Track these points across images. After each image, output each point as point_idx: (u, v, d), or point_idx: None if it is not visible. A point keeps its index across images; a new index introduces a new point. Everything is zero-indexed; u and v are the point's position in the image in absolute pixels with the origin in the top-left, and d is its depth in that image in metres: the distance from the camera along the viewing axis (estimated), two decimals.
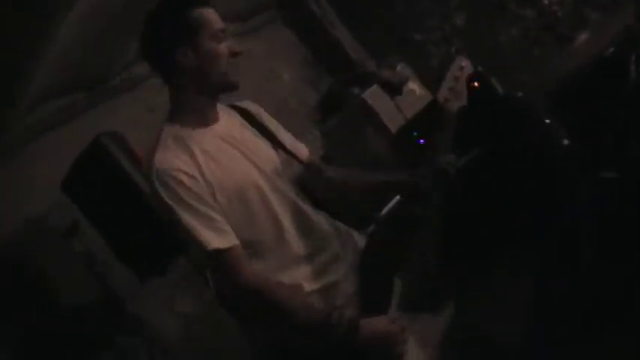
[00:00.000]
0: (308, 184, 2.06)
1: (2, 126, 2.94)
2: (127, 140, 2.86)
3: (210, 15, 1.89)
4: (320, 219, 1.97)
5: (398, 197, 2.24)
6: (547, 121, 3.36)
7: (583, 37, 3.69)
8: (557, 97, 3.31)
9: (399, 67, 4.65)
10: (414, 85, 4.66)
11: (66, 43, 2.82)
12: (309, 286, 1.86)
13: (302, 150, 2.12)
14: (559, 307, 2.61)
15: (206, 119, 1.90)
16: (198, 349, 3.22)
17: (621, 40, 3.22)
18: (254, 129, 2.00)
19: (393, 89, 4.52)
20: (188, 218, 1.75)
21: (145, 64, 1.94)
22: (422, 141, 3.97)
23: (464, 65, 2.09)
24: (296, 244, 1.88)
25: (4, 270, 2.77)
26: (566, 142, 3.26)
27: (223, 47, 1.88)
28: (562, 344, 2.47)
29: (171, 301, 3.18)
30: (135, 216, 2.74)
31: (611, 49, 3.19)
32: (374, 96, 4.38)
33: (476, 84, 3.70)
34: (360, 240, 2.09)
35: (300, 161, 2.09)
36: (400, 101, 4.47)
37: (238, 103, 2.06)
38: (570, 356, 2.43)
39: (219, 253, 1.74)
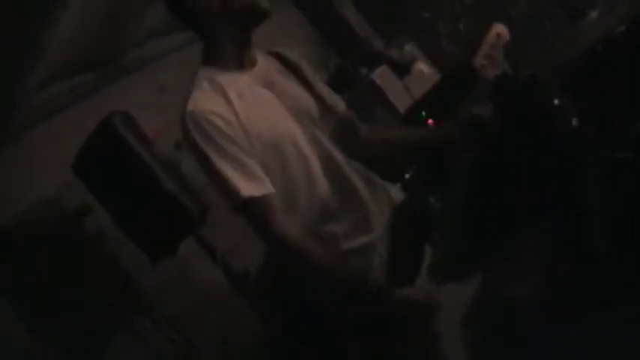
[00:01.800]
0: (344, 138, 1.99)
1: (11, 106, 2.94)
2: (136, 121, 2.85)
3: None
4: (356, 175, 1.91)
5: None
6: (556, 101, 3.34)
7: (594, 13, 3.65)
8: (567, 76, 3.28)
9: (407, 47, 4.64)
10: (422, 65, 4.66)
11: (75, 22, 2.81)
12: (344, 244, 1.82)
13: (340, 104, 2.05)
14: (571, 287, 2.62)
15: (242, 62, 1.82)
16: (211, 328, 3.24)
17: (633, 18, 3.19)
18: (293, 77, 1.93)
19: (402, 69, 4.52)
20: (221, 163, 1.68)
21: (155, 43, 1.92)
22: (430, 121, 3.95)
23: (500, 32, 2.05)
24: (331, 198, 1.82)
25: (17, 250, 2.78)
26: (575, 122, 3.24)
27: None
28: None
29: (183, 279, 3.20)
30: (145, 196, 2.74)
31: (623, 27, 3.16)
32: (382, 76, 4.38)
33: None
34: (397, 196, 2.04)
35: (338, 115, 2.03)
36: (408, 81, 4.47)
37: (278, 50, 1.99)
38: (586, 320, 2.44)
39: (253, 200, 1.68)
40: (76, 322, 2.79)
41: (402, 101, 4.30)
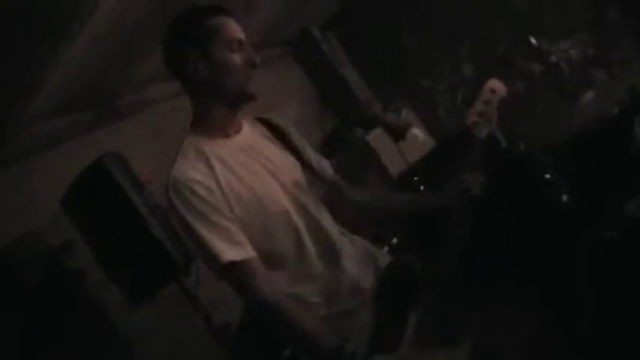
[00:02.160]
0: (333, 203, 2.02)
1: (5, 136, 2.94)
2: (129, 163, 2.85)
3: (228, 24, 1.87)
4: (343, 240, 1.94)
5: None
6: (547, 176, 3.37)
7: (589, 95, 3.72)
8: (560, 154, 3.32)
9: (404, 112, 4.69)
10: (417, 132, 4.70)
11: (78, 59, 2.83)
12: (323, 310, 1.84)
13: (328, 169, 2.09)
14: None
15: (227, 130, 1.89)
16: None
17: (626, 101, 3.25)
18: (280, 143, 1.98)
19: (397, 134, 4.55)
20: (202, 229, 1.74)
21: (154, 88, 1.96)
22: (422, 188, 3.97)
23: (495, 88, 2.00)
24: (314, 261, 1.85)
25: None
26: (565, 198, 3.26)
27: (238, 57, 1.86)
28: None
29: (160, 326, 3.15)
30: (132, 240, 2.72)
31: (616, 109, 3.21)
32: (377, 139, 4.41)
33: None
34: (383, 260, 2.04)
35: (326, 180, 2.07)
36: (403, 146, 4.50)
37: (265, 116, 2.04)
38: None
39: (233, 265, 1.72)
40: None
41: (395, 165, 4.32)
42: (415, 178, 4.01)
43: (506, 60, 4.79)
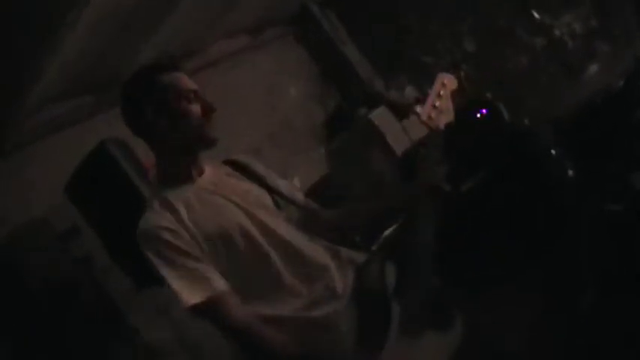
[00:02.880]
0: (308, 225, 2.07)
1: (7, 123, 2.93)
2: (131, 148, 2.84)
3: (179, 77, 1.95)
4: (317, 252, 1.99)
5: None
6: (552, 151, 3.36)
7: (592, 68, 3.69)
8: (564, 127, 3.31)
9: (407, 90, 4.66)
10: (421, 109, 4.67)
11: (79, 45, 2.82)
12: (303, 314, 1.89)
13: (297, 194, 2.16)
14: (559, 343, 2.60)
15: (190, 175, 1.95)
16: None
17: (630, 73, 3.22)
18: (245, 177, 2.05)
19: (401, 112, 4.52)
20: (169, 274, 1.80)
21: None
22: None
23: (446, 82, 2.08)
24: (289, 282, 1.90)
25: (2, 269, 2.75)
26: (570, 172, 3.25)
27: (194, 107, 1.92)
28: None
29: (167, 310, 3.16)
30: (136, 224, 2.71)
31: (620, 82, 3.19)
32: (381, 117, 4.38)
33: (483, 111, 3.73)
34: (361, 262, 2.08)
35: (298, 205, 2.13)
36: (407, 124, 4.47)
37: (228, 159, 2.12)
38: None
39: (198, 306, 1.79)
40: (54, 346, 2.75)
41: (399, 143, 4.29)
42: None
43: (507, 33, 4.75)
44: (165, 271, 1.81)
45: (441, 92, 2.07)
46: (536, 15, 4.02)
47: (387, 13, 5.11)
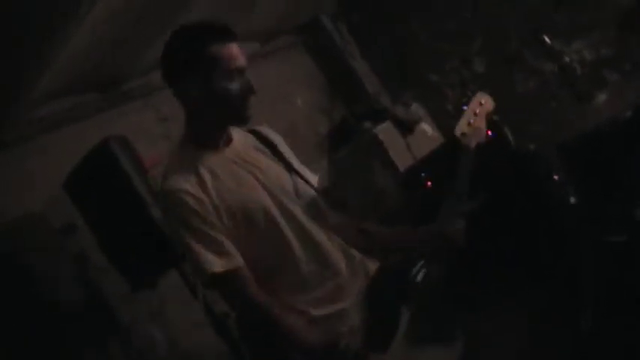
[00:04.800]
0: (323, 221, 2.02)
1: (8, 116, 2.92)
2: (133, 147, 2.82)
3: (229, 51, 1.87)
4: (333, 250, 1.96)
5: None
6: (555, 177, 3.34)
7: (601, 97, 3.67)
8: (570, 154, 3.29)
9: (413, 106, 4.64)
10: (426, 126, 4.66)
11: (86, 40, 2.81)
12: (314, 312, 1.87)
13: (314, 179, 2.11)
14: None
15: (217, 141, 1.92)
16: None
17: (639, 104, 3.21)
18: (269, 153, 2.02)
19: (406, 128, 4.51)
20: (191, 240, 1.78)
21: (160, 73, 1.94)
22: (429, 183, 3.94)
23: (483, 102, 2.07)
24: (304, 268, 1.88)
25: None
26: (572, 200, 3.24)
27: (235, 87, 1.86)
28: None
29: (160, 311, 3.14)
30: (133, 224, 2.70)
31: (629, 112, 3.18)
32: (385, 132, 4.37)
33: (489, 132, 3.71)
34: (372, 268, 2.07)
35: (319, 195, 2.07)
36: (411, 141, 4.46)
37: (257, 128, 2.08)
38: None
39: (219, 275, 1.76)
40: (47, 341, 2.72)
41: (402, 160, 4.28)
42: (422, 174, 3.98)
43: (517, 57, 4.74)
44: (187, 237, 1.78)
45: (477, 111, 2.06)
46: (547, 40, 4.01)
47: (397, 29, 5.11)
